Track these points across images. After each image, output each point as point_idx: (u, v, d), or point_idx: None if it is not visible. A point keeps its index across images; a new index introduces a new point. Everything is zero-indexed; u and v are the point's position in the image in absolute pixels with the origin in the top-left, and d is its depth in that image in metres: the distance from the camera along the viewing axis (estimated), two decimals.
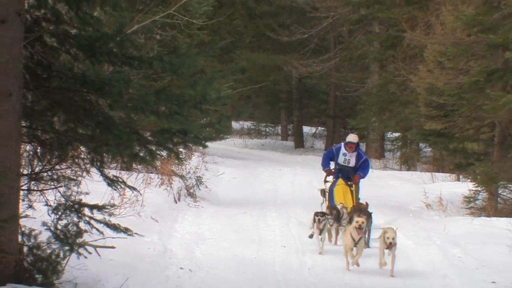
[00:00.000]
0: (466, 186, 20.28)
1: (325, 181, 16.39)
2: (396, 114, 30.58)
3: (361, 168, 16.00)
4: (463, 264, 13.25)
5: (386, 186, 22.56)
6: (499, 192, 19.40)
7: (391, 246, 12.43)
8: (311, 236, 14.01)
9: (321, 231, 13.78)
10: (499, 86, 18.86)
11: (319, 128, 44.23)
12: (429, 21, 24.71)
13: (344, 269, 12.65)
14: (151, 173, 18.16)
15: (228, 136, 34.82)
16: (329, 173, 16.31)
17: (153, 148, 9.70)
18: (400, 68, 27.34)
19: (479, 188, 19.50)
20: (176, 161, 18.25)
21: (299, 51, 35.62)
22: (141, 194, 13.92)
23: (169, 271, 11.92)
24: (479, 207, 19.43)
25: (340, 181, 15.98)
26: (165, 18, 18.51)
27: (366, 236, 13.73)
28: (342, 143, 16.26)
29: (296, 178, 24.23)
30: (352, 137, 16.17)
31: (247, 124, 44.75)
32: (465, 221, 17.18)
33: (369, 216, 14.19)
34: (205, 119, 15.34)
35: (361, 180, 16.20)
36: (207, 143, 19.20)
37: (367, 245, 13.78)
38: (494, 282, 12.02)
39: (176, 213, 16.95)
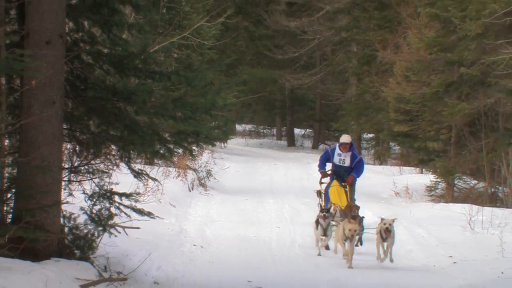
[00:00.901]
0: (428, 178, 20.26)
1: (321, 183, 14.15)
2: (371, 119, 30.45)
3: (355, 169, 13.90)
4: (425, 241, 13.24)
5: (362, 178, 22.17)
6: (455, 182, 19.41)
7: (387, 231, 11.35)
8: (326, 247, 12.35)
9: (325, 231, 12.16)
10: (455, 95, 18.90)
11: (307, 130, 44.10)
12: (397, 42, 24.66)
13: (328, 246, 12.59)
14: (170, 167, 18.13)
15: (233, 137, 34.71)
16: (324, 174, 14.12)
17: (171, 146, 9.67)
18: (374, 81, 27.31)
19: (438, 179, 19.51)
20: (190, 157, 18.22)
21: (291, 67, 35.52)
22: (161, 184, 13.91)
23: (184, 248, 11.92)
24: (438, 195, 19.43)
25: (335, 182, 13.73)
26: (181, 40, 18.49)
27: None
28: (337, 144, 14.01)
29: (288, 171, 24.19)
30: (345, 138, 13.93)
31: (248, 127, 44.52)
32: (427, 206, 17.18)
33: (360, 221, 12.70)
34: (213, 122, 15.22)
35: (357, 180, 14.06)
36: (215, 142, 19.20)
37: (360, 243, 12.68)
38: (451, 256, 12.02)
39: (190, 200, 16.94)
